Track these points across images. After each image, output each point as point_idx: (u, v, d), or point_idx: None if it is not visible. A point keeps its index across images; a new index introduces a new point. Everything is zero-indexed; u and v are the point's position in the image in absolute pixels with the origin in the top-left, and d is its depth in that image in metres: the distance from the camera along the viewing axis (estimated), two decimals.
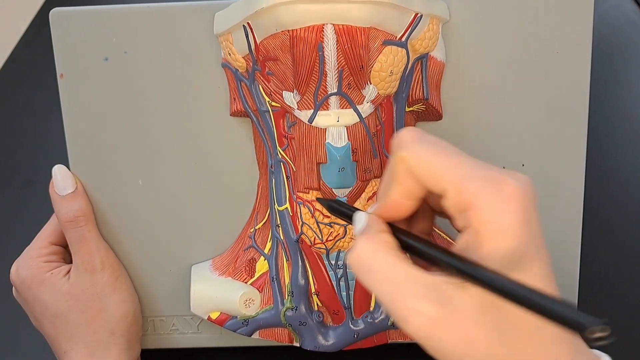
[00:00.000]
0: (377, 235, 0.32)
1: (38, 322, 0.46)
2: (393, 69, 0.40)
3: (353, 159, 0.42)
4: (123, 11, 0.44)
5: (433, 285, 0.30)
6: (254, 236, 0.46)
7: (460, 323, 0.29)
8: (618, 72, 0.59)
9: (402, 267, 0.30)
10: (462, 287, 0.29)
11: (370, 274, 0.31)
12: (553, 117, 0.45)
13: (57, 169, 0.46)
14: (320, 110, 0.41)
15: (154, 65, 0.45)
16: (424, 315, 0.29)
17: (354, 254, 0.32)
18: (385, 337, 0.46)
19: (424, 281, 0.30)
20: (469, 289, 0.29)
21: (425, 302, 0.29)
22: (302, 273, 0.45)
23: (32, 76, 0.64)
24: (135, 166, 0.46)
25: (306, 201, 0.43)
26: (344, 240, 0.43)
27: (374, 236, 0.32)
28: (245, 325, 0.45)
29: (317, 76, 0.40)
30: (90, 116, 0.46)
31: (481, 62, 0.44)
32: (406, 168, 0.31)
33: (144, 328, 0.49)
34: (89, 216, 0.46)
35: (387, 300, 0.30)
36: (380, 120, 0.42)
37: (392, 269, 0.31)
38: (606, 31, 0.59)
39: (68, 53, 0.45)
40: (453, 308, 0.29)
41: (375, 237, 0.32)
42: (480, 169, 0.31)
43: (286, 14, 0.38)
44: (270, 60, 0.40)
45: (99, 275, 0.45)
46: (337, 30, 0.38)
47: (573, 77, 0.44)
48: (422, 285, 0.30)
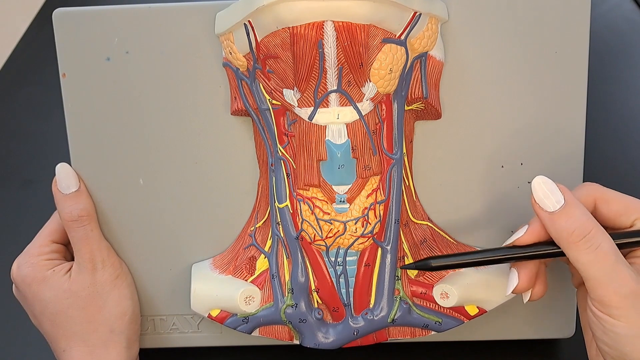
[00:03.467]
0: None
1: (37, 320, 0.46)
2: (392, 67, 0.41)
3: (353, 156, 0.42)
4: (125, 11, 0.45)
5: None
6: (255, 234, 0.46)
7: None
8: (618, 72, 0.59)
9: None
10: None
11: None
12: (551, 116, 0.45)
13: (61, 168, 0.46)
14: (320, 108, 0.41)
15: (155, 65, 0.45)
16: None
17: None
18: (385, 335, 0.46)
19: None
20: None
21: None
22: (302, 270, 0.45)
23: (33, 76, 0.64)
24: (136, 165, 0.47)
25: (306, 198, 0.43)
26: (343, 237, 0.44)
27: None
28: (245, 323, 0.46)
29: (317, 73, 0.40)
30: (92, 115, 0.46)
31: (480, 62, 0.45)
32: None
33: (144, 327, 0.49)
34: (91, 215, 0.46)
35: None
36: (380, 118, 0.42)
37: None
38: (606, 31, 0.60)
39: (70, 53, 0.45)
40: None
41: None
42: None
43: (286, 11, 0.38)
44: (271, 58, 0.41)
45: (99, 273, 0.46)
46: (337, 28, 0.39)
47: (571, 76, 0.45)
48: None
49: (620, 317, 0.37)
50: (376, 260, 0.44)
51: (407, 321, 0.45)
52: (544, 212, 0.39)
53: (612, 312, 0.37)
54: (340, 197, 0.43)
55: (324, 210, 0.43)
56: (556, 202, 0.38)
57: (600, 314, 0.37)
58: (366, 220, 0.43)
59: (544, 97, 0.45)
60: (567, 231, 0.38)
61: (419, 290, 0.45)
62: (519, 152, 0.46)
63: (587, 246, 0.37)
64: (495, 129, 0.45)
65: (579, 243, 0.37)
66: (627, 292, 0.36)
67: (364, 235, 0.43)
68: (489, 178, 0.46)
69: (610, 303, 0.37)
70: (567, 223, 0.38)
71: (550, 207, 0.39)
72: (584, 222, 0.38)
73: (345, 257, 0.44)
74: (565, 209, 0.38)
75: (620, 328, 0.37)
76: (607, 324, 0.37)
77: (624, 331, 0.37)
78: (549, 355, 0.51)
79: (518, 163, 0.46)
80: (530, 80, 0.45)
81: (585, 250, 0.37)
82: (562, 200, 0.38)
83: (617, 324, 0.37)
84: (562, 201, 0.38)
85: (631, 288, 0.37)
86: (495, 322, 0.48)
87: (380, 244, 0.44)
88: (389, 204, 0.44)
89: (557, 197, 0.39)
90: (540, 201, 0.39)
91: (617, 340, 0.37)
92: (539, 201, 0.39)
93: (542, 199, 0.39)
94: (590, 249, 0.37)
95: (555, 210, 0.38)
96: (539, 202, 0.39)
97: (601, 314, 0.37)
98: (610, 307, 0.37)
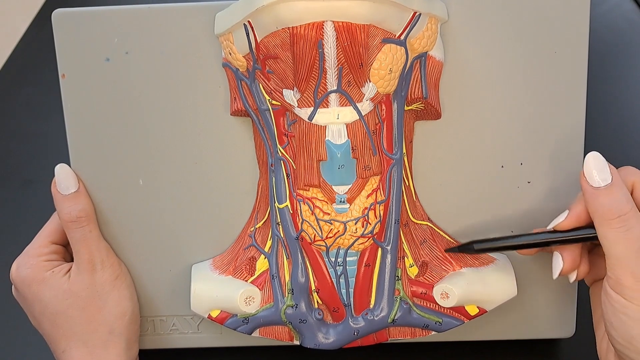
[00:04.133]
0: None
1: (37, 321, 0.46)
2: (392, 67, 0.41)
3: (353, 157, 0.42)
4: (124, 12, 0.45)
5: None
6: (254, 235, 0.46)
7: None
8: (618, 72, 0.59)
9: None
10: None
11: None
12: (551, 116, 0.45)
13: (60, 168, 0.46)
14: (320, 108, 0.41)
15: (155, 66, 0.45)
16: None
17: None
18: (385, 335, 0.46)
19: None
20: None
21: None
22: (302, 271, 0.45)
23: (32, 76, 0.64)
24: (136, 166, 0.47)
25: (306, 198, 0.43)
26: (343, 237, 0.44)
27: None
28: (245, 324, 0.46)
29: (317, 74, 0.40)
30: (92, 116, 0.46)
31: (480, 62, 0.45)
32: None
33: (143, 328, 0.49)
34: (91, 216, 0.46)
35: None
36: (380, 118, 0.42)
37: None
38: (606, 31, 0.60)
39: (70, 53, 0.45)
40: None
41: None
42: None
43: (286, 11, 0.38)
44: (271, 59, 0.41)
45: (99, 274, 0.46)
46: (337, 28, 0.39)
47: (571, 76, 0.45)
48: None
49: (633, 298, 0.38)
50: (376, 260, 0.44)
51: (407, 321, 0.45)
52: (590, 187, 0.40)
53: (625, 292, 0.38)
54: (340, 198, 0.43)
55: (324, 210, 0.43)
56: (602, 180, 0.39)
57: (614, 294, 0.38)
58: (366, 221, 0.43)
59: (544, 97, 0.45)
60: (606, 207, 0.39)
61: (419, 291, 0.45)
62: (518, 152, 0.46)
63: (619, 225, 0.38)
64: (495, 129, 0.45)
65: (613, 221, 0.38)
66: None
67: (364, 236, 0.43)
68: (488, 178, 0.46)
69: (626, 283, 0.38)
70: (608, 200, 0.39)
71: (598, 183, 0.39)
72: (623, 203, 0.39)
73: (346, 257, 0.44)
74: (610, 188, 0.39)
75: (631, 310, 0.38)
76: (619, 304, 0.38)
77: (634, 314, 0.38)
78: (549, 355, 0.51)
79: (518, 163, 0.46)
80: (530, 80, 0.45)
81: (617, 229, 0.38)
82: (609, 179, 0.39)
83: (628, 305, 0.38)
84: (608, 180, 0.39)
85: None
86: (495, 322, 0.48)
87: (381, 244, 0.44)
88: (389, 204, 0.44)
89: (606, 175, 0.40)
90: (588, 175, 0.40)
91: (626, 323, 0.38)
92: (587, 175, 0.40)
93: (591, 174, 0.40)
94: (621, 229, 0.38)
95: (600, 187, 0.39)
96: (587, 177, 0.40)
97: (614, 294, 0.38)
98: (624, 287, 0.38)
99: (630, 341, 0.38)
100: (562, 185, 0.46)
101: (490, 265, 0.46)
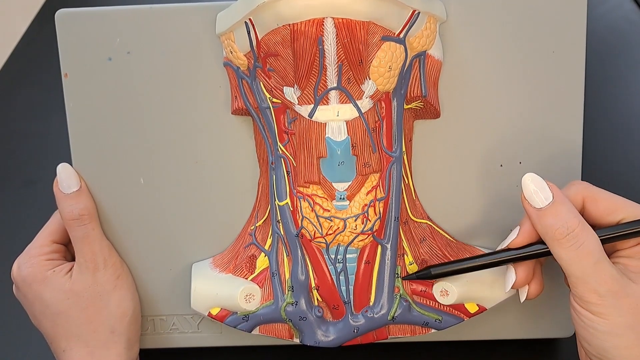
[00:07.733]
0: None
1: (38, 320, 0.46)
2: (391, 64, 0.41)
3: (353, 154, 0.42)
4: (126, 12, 0.45)
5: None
6: (255, 233, 0.46)
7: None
8: (618, 72, 0.60)
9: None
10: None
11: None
12: (549, 115, 0.45)
13: (62, 168, 0.46)
14: (320, 105, 0.42)
15: (156, 66, 0.45)
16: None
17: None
18: (385, 333, 0.46)
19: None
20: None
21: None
22: (302, 268, 0.45)
23: (33, 76, 0.65)
24: (137, 165, 0.47)
25: (306, 195, 0.43)
26: (343, 234, 0.44)
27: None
28: (245, 321, 0.46)
29: (317, 70, 0.40)
30: (94, 115, 0.46)
31: (478, 62, 0.45)
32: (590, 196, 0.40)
33: (144, 327, 0.49)
34: (92, 214, 0.46)
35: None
36: (380, 115, 0.43)
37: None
38: (606, 31, 0.60)
39: (72, 53, 0.46)
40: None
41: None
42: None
43: (287, 8, 0.38)
44: (272, 56, 0.41)
45: (101, 273, 0.46)
46: (337, 24, 0.39)
47: (569, 76, 0.45)
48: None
49: (599, 313, 0.37)
50: (376, 257, 0.44)
51: (407, 319, 0.45)
52: (533, 209, 0.39)
53: (591, 308, 0.38)
54: (340, 194, 0.43)
55: (324, 207, 0.43)
56: (544, 199, 0.39)
57: (581, 309, 0.38)
58: (366, 217, 0.43)
59: (542, 97, 0.45)
60: (553, 228, 0.38)
61: (419, 288, 0.45)
62: (517, 151, 0.46)
63: (570, 244, 0.38)
64: (494, 128, 0.46)
65: (563, 240, 0.38)
66: (606, 291, 0.37)
67: (364, 233, 0.44)
68: (487, 177, 0.46)
69: (590, 299, 0.37)
70: (553, 220, 0.38)
71: (539, 203, 0.39)
72: (569, 219, 0.38)
73: (345, 254, 0.44)
74: (553, 206, 0.39)
75: (600, 324, 0.37)
76: (587, 319, 0.38)
77: (603, 327, 0.37)
78: (548, 355, 0.51)
79: (516, 162, 0.46)
80: (529, 79, 0.45)
81: (568, 247, 0.38)
82: (551, 198, 0.39)
83: (596, 320, 0.37)
84: (550, 198, 0.39)
85: (610, 287, 0.37)
86: (495, 322, 0.48)
87: (380, 241, 0.44)
88: (388, 201, 0.44)
89: (546, 194, 0.39)
90: (529, 197, 0.39)
91: (597, 337, 0.38)
92: (528, 197, 0.40)
93: (531, 196, 0.39)
94: (573, 247, 0.38)
95: (543, 207, 0.39)
96: (528, 199, 0.40)
97: (581, 309, 0.38)
98: (589, 304, 0.37)
99: (604, 354, 0.38)
100: (560, 184, 0.46)
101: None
